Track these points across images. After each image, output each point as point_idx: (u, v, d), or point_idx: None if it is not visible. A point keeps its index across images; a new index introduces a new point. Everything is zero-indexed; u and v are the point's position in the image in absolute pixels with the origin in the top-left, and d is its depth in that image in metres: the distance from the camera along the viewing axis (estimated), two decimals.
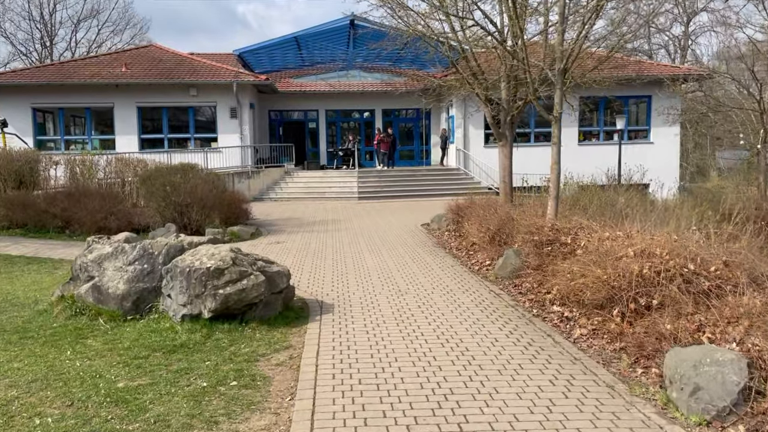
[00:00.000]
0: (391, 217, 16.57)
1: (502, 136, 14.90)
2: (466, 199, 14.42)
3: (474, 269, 9.07)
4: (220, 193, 12.99)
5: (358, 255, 10.43)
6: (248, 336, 5.78)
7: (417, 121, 29.64)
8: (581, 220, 8.67)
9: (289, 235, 13.22)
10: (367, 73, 29.37)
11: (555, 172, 9.58)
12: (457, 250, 10.84)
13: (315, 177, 24.41)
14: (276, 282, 6.25)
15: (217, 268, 5.87)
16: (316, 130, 29.44)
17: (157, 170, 12.47)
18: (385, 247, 11.23)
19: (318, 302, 7.07)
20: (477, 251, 10.22)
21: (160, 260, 6.75)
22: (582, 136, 26.18)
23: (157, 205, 12.22)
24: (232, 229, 12.50)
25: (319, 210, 18.95)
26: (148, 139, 24.51)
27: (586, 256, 6.91)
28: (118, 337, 5.85)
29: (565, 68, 9.24)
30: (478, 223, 10.86)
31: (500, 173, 15.19)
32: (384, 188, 23.37)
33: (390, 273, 8.78)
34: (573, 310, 6.42)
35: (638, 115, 27.02)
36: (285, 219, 16.55)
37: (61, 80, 22.94)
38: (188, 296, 5.91)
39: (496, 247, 9.37)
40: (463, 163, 25.24)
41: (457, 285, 7.93)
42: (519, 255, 8.15)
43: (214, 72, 24.13)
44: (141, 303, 6.55)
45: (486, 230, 9.99)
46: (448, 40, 13.74)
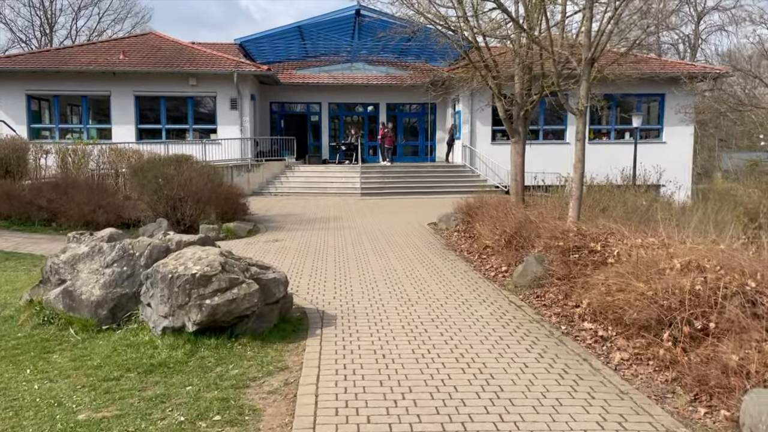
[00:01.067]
0: (396, 215, 15.81)
1: (515, 132, 14.13)
2: (475, 198, 13.67)
3: (489, 276, 8.30)
4: (216, 186, 12.22)
5: (362, 257, 9.67)
6: (238, 354, 5.02)
7: (422, 116, 28.83)
8: (609, 225, 7.91)
9: (289, 232, 12.45)
10: (372, 66, 28.56)
11: (579, 171, 8.80)
12: (469, 253, 10.07)
13: (316, 172, 23.63)
14: (271, 291, 5.48)
15: (204, 275, 5.11)
16: (318, 124, 28.63)
17: (149, 161, 11.70)
18: (391, 248, 10.47)
19: (319, 312, 6.31)
20: (491, 255, 9.45)
21: (141, 262, 5.99)
22: (592, 135, 25.36)
23: (148, 198, 11.46)
24: (228, 225, 11.74)
25: (321, 206, 18.18)
26: (145, 129, 23.71)
27: (621, 266, 6.15)
28: (89, 352, 5.09)
29: (593, 58, 8.46)
30: (491, 224, 10.09)
31: (512, 171, 14.41)
32: (387, 184, 22.59)
33: (397, 278, 8.02)
34: (608, 328, 5.65)
35: (650, 113, 26.20)
36: (285, 215, 15.79)
37: (56, 67, 22.12)
38: (170, 306, 5.14)
39: (513, 252, 8.60)
40: (469, 160, 24.45)
41: (473, 294, 7.16)
42: (541, 262, 7.38)
43: (215, 61, 23.33)
44: (118, 311, 5.79)
45: (501, 233, 9.22)
46: (461, 29, 12.94)
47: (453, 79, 15.86)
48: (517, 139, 14.15)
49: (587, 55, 8.41)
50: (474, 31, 13.12)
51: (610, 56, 12.58)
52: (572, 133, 24.89)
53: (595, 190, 13.25)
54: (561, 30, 12.75)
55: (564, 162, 22.78)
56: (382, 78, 27.58)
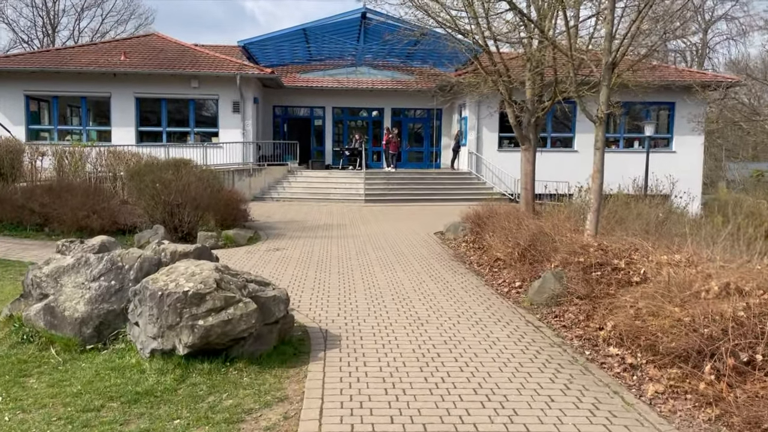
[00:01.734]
0: (401, 222, 15.35)
1: (525, 140, 13.69)
2: (483, 206, 13.23)
3: (502, 291, 7.84)
4: (216, 192, 11.78)
5: (367, 268, 9.21)
6: (233, 380, 4.55)
7: (427, 122, 28.41)
8: (632, 240, 7.45)
9: (291, 240, 12.00)
10: (377, 70, 28.17)
11: (597, 182, 8.34)
12: (479, 265, 9.61)
13: (319, 177, 23.19)
14: (271, 310, 5.02)
15: (197, 293, 4.65)
16: (322, 128, 28.21)
17: (146, 165, 11.26)
18: (397, 260, 10.01)
19: (322, 332, 5.84)
20: (503, 268, 8.99)
21: (131, 276, 5.54)
22: None
23: (145, 204, 11.02)
24: (228, 232, 11.28)
25: (324, 212, 17.74)
26: (146, 131, 23.30)
27: (650, 286, 5.69)
28: (69, 376, 4.63)
29: (613, 62, 8.02)
30: (502, 235, 9.63)
31: (522, 179, 13.96)
32: (392, 191, 22.14)
33: (405, 293, 7.56)
34: (636, 354, 5.18)
35: (659, 122, 25.72)
36: (287, 222, 15.34)
37: (56, 67, 21.74)
38: (159, 327, 4.68)
39: (527, 267, 8.14)
40: (475, 167, 24.00)
41: (487, 312, 6.70)
42: (560, 279, 6.91)
43: (217, 63, 22.94)
44: (105, 329, 5.34)
45: (514, 245, 8.76)
46: (471, 33, 12.51)
47: (461, 84, 15.40)
48: (527, 147, 13.70)
49: (608, 59, 7.97)
50: (485, 35, 12.70)
51: (626, 62, 12.12)
52: (580, 141, 24.45)
53: (609, 201, 12.80)
54: (575, 35, 12.33)
55: (572, 170, 22.37)
56: (388, 82, 27.18)
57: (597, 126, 8.34)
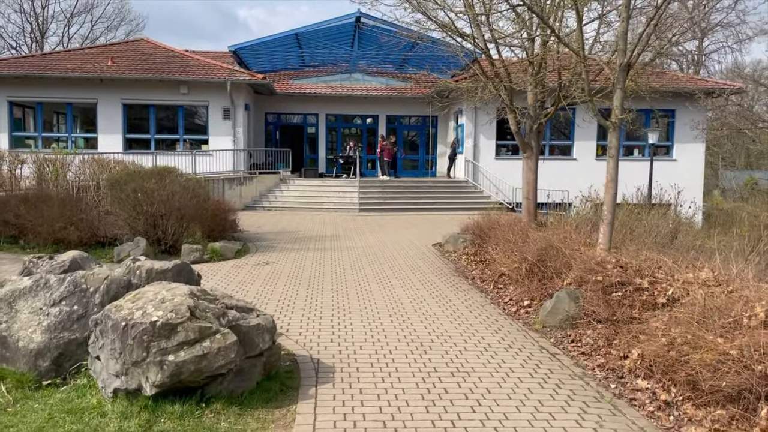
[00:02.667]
0: (397, 233, 14.72)
1: (527, 147, 13.11)
2: (483, 216, 12.64)
3: (510, 311, 7.21)
4: (203, 202, 11.12)
5: (362, 285, 8.57)
6: (208, 426, 3.89)
7: (422, 129, 27.86)
8: (651, 255, 6.86)
9: (281, 253, 11.35)
10: (372, 77, 27.62)
11: (611, 192, 7.75)
12: (482, 281, 8.98)
13: (312, 185, 22.55)
14: (254, 341, 4.38)
15: (167, 323, 4.00)
16: (315, 136, 27.60)
17: (127, 174, 10.60)
18: (395, 274, 9.37)
19: (313, 362, 5.20)
20: (508, 284, 8.37)
21: (96, 300, 4.89)
22: (600, 151, 24.43)
23: (126, 214, 10.35)
24: (214, 245, 10.61)
25: (317, 222, 17.09)
26: (133, 139, 22.63)
27: (680, 310, 5.09)
28: (17, 420, 3.96)
29: (628, 63, 7.45)
30: (508, 249, 9.02)
31: (523, 188, 13.37)
32: (387, 200, 21.52)
33: (405, 314, 6.92)
34: (670, 388, 4.57)
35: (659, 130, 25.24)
36: (278, 232, 14.69)
37: (40, 72, 21.07)
38: (123, 363, 4.03)
39: (536, 284, 7.52)
40: (471, 176, 23.44)
41: (496, 336, 6.07)
42: (575, 299, 6.29)
43: (207, 69, 22.31)
44: (65, 361, 4.68)
45: (521, 260, 8.14)
46: (471, 36, 11.95)
47: (460, 89, 14.82)
48: (529, 154, 13.12)
49: (623, 60, 7.40)
50: (485, 37, 12.15)
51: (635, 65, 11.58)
52: (579, 149, 23.94)
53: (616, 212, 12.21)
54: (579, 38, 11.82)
55: (571, 178, 21.84)
56: (382, 89, 26.63)
57: (611, 132, 7.76)
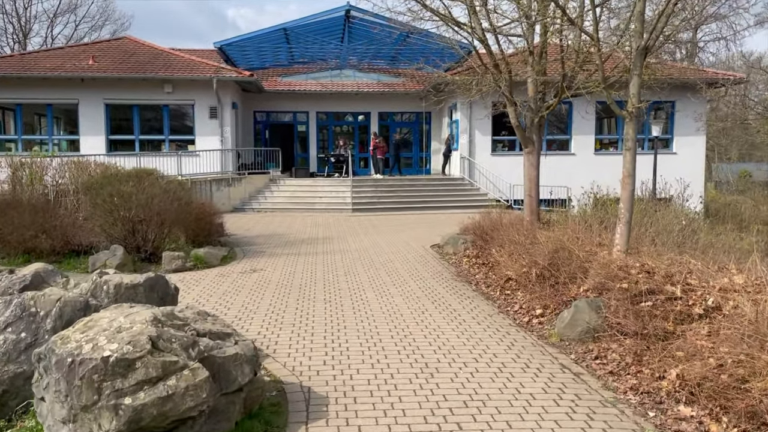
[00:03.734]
0: (393, 234, 14.04)
1: (529, 142, 12.45)
2: (483, 215, 12.00)
3: (521, 321, 6.54)
4: (185, 205, 10.40)
5: (358, 293, 7.88)
6: None
7: (416, 126, 27.18)
8: (675, 257, 6.21)
9: (271, 259, 10.65)
10: (363, 73, 26.91)
11: (628, 188, 7.09)
12: (487, 286, 8.31)
13: (304, 185, 21.83)
14: (231, 374, 3.68)
15: (123, 358, 3.29)
16: (305, 134, 26.86)
17: (103, 177, 9.87)
18: (392, 281, 8.69)
19: (303, 391, 4.50)
20: (516, 290, 7.70)
21: (48, 325, 4.19)
22: (598, 145, 23.84)
23: (102, 221, 9.61)
24: (198, 252, 9.89)
25: (308, 224, 16.39)
26: (117, 140, 21.83)
27: (723, 322, 4.44)
28: None
29: (646, 47, 6.79)
30: (514, 251, 8.36)
31: (525, 185, 12.71)
32: (381, 199, 20.83)
33: (406, 327, 6.24)
34: (720, 417, 3.92)
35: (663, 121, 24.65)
36: (267, 235, 13.98)
37: (18, 72, 20.25)
38: (70, 408, 3.31)
39: (548, 290, 6.85)
40: (468, 173, 22.78)
41: (509, 353, 5.40)
42: (596, 309, 5.63)
43: (192, 67, 21.54)
44: (10, 399, 3.98)
45: (530, 263, 7.48)
46: (469, 24, 11.27)
47: (455, 83, 14.14)
48: (531, 150, 12.46)
49: (640, 43, 6.75)
50: (483, 27, 11.49)
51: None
52: (577, 143, 23.30)
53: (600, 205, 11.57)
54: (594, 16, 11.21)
55: (569, 174, 21.19)
56: (374, 85, 25.93)
57: (627, 122, 7.10)
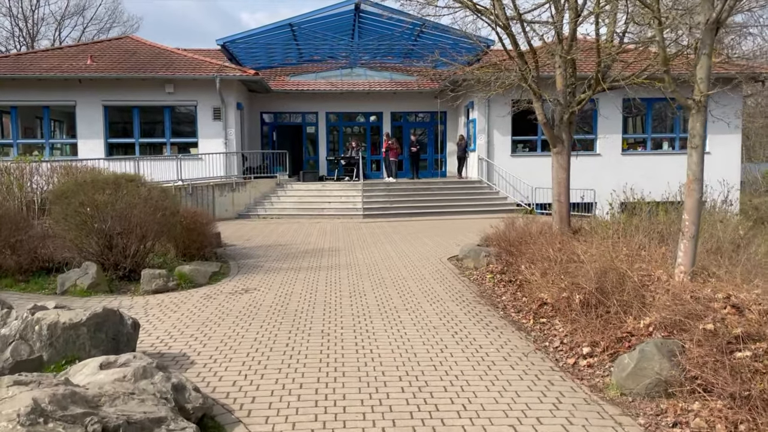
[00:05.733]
0: (406, 244, 12.77)
1: (558, 141, 11.14)
2: (506, 222, 10.72)
3: (566, 364, 5.24)
4: (170, 215, 9.20)
5: (363, 322, 6.62)
6: None
7: (431, 126, 25.90)
8: (762, 283, 4.88)
9: (267, 275, 9.42)
10: (374, 71, 25.70)
11: (694, 196, 5.77)
12: (517, 311, 7.02)
13: (312, 190, 20.64)
14: None
15: None
16: (315, 136, 25.70)
17: (75, 184, 8.68)
18: (405, 304, 7.42)
19: None
20: (552, 317, 6.40)
21: None
22: (625, 145, 22.40)
23: (73, 234, 8.44)
24: (183, 269, 8.65)
25: (315, 232, 15.17)
26: (116, 144, 20.83)
27: None
28: None
29: (717, 21, 5.48)
30: (548, 268, 7.06)
31: (554, 189, 11.39)
32: (393, 204, 19.58)
33: (421, 374, 4.97)
34: None
35: (686, 120, 23.14)
36: (268, 246, 12.77)
37: (12, 73, 19.29)
38: None
39: (596, 322, 5.54)
40: (486, 175, 21.46)
41: (558, 416, 4.10)
42: (670, 356, 4.32)
43: (195, 66, 20.46)
44: None
45: (571, 286, 6.17)
46: (492, 10, 10.01)
47: (475, 77, 12.82)
48: (560, 149, 11.14)
49: (710, 15, 5.43)
50: (507, 14, 10.23)
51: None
52: (603, 143, 21.86)
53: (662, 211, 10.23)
54: None
55: (594, 176, 19.75)
56: (386, 84, 24.71)
57: (693, 114, 5.79)
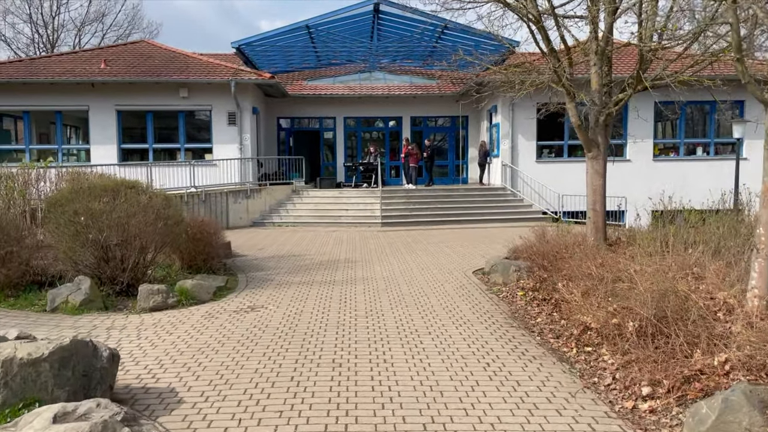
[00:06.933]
0: (427, 255, 11.95)
1: (593, 145, 10.27)
2: (535, 233, 9.90)
3: (622, 407, 4.38)
4: (173, 225, 8.50)
5: (380, 348, 5.81)
6: None
7: (452, 131, 25.08)
8: None
9: (277, 290, 8.66)
10: (394, 75, 24.97)
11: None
12: (556, 336, 6.16)
13: (329, 197, 19.92)
14: None
15: None
16: (332, 141, 25.02)
17: (71, 191, 8.02)
18: (428, 326, 6.60)
19: None
20: (599, 346, 5.53)
21: None
22: (657, 150, 21.35)
23: (66, 245, 7.76)
24: (184, 284, 7.91)
25: (331, 241, 14.41)
26: (129, 149, 20.32)
27: None
28: None
29: None
30: (592, 288, 6.20)
31: (588, 197, 10.51)
32: (413, 212, 18.78)
33: (449, 420, 4.14)
34: None
35: (721, 125, 22.01)
36: (281, 256, 12.04)
37: (24, 78, 18.88)
38: None
39: (653, 353, 4.68)
40: (510, 182, 20.56)
41: None
42: (759, 405, 3.46)
43: (210, 70, 19.89)
44: None
45: (622, 311, 5.31)
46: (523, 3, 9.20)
47: (503, 74, 11.98)
48: (595, 154, 10.27)
49: None
50: (539, 9, 9.42)
51: None
52: (633, 149, 20.81)
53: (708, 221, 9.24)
54: None
55: (624, 183, 18.66)
56: (406, 88, 23.95)
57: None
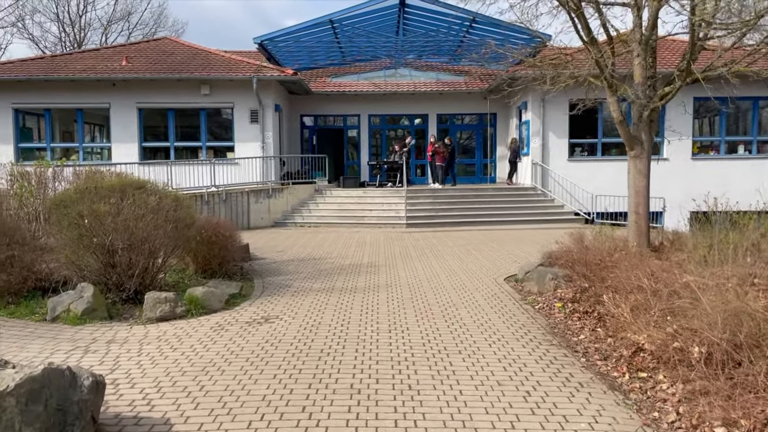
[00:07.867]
0: (455, 259, 11.26)
1: (636, 142, 9.50)
2: (572, 237, 9.18)
3: None
4: (185, 227, 7.98)
5: (405, 370, 5.16)
6: None
7: (479, 129, 24.31)
8: None
9: (294, 297, 8.08)
10: (420, 72, 24.32)
11: None
12: (603, 357, 5.45)
13: (352, 197, 19.34)
14: None
15: None
16: (356, 139, 24.44)
17: (76, 192, 7.54)
18: (457, 342, 5.94)
19: None
20: (655, 370, 4.83)
21: None
22: (696, 149, 20.32)
23: (69, 249, 7.28)
24: (194, 292, 7.36)
25: (354, 243, 13.81)
26: (150, 147, 20.00)
27: None
28: None
29: None
30: (644, 303, 5.48)
31: (630, 199, 9.73)
32: (440, 212, 18.10)
33: None
34: None
35: (763, 122, 20.89)
36: (301, 259, 11.47)
37: (45, 75, 18.63)
38: None
39: (726, 384, 3.97)
40: (540, 181, 19.75)
41: None
42: None
43: (231, 66, 19.45)
44: None
45: (686, 332, 4.60)
46: None
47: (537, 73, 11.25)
48: (638, 153, 9.50)
49: None
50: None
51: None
52: (671, 147, 19.72)
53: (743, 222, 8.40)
54: None
55: (661, 183, 17.52)
56: (432, 84, 23.26)
57: None
